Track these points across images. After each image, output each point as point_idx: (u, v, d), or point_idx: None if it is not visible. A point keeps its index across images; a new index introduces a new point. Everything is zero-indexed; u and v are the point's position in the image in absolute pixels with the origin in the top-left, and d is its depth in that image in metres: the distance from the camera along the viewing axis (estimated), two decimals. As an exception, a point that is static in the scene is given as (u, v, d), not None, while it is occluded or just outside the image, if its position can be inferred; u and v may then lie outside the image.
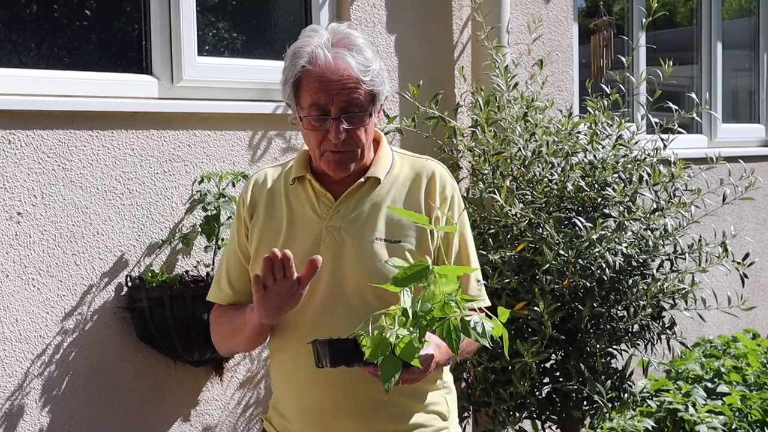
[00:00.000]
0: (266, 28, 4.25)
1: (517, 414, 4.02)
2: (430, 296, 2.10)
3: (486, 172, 4.07)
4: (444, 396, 2.55)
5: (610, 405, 4.04)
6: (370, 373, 2.19)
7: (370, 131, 2.46)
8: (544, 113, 4.25)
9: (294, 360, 2.46)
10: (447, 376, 2.58)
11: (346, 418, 2.43)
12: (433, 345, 2.26)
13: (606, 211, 4.00)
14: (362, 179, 2.48)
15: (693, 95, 4.78)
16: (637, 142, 4.22)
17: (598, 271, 3.82)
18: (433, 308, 2.09)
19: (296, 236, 2.47)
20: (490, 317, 2.14)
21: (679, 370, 5.33)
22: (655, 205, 4.07)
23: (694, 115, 4.36)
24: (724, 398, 4.97)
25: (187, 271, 3.69)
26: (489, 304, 2.53)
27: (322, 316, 2.42)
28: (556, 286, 3.81)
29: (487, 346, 2.11)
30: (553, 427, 4.28)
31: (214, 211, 3.60)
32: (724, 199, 4.17)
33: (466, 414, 4.14)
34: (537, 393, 4.09)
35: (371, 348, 2.09)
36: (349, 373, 2.33)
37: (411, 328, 2.08)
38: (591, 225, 3.80)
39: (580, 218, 3.87)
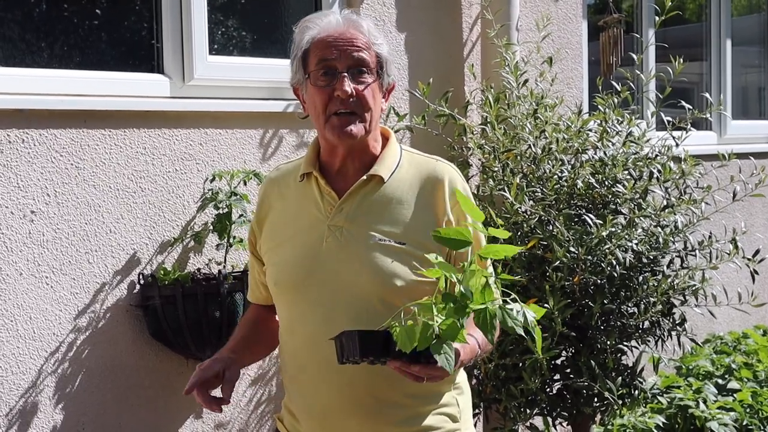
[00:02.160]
0: (277, 26, 4.26)
1: (528, 411, 4.03)
2: (467, 279, 2.05)
3: (496, 169, 4.08)
4: (455, 397, 2.50)
5: (620, 401, 4.05)
6: (395, 368, 2.13)
7: (377, 101, 2.43)
8: (554, 110, 4.25)
9: (298, 361, 2.46)
10: (460, 376, 2.53)
11: (352, 420, 2.40)
12: (458, 344, 2.17)
13: (616, 207, 4.00)
14: (365, 177, 2.42)
15: (706, 94, 4.78)
16: (648, 140, 4.22)
17: (609, 268, 3.82)
18: (473, 292, 2.03)
19: (298, 234, 2.45)
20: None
21: (690, 367, 5.34)
22: (665, 202, 4.07)
23: (707, 115, 4.37)
24: (735, 395, 4.98)
25: (199, 269, 3.71)
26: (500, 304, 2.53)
27: (325, 317, 2.38)
28: (566, 283, 3.82)
29: (522, 335, 2.05)
30: (564, 424, 4.29)
31: (226, 209, 3.62)
32: (734, 196, 4.17)
33: (476, 411, 4.14)
34: (548, 390, 4.10)
35: (402, 337, 2.03)
36: (356, 374, 2.32)
37: (454, 310, 2.02)
38: (601, 222, 3.81)
39: (591, 215, 3.87)
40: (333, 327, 2.31)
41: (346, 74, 2.36)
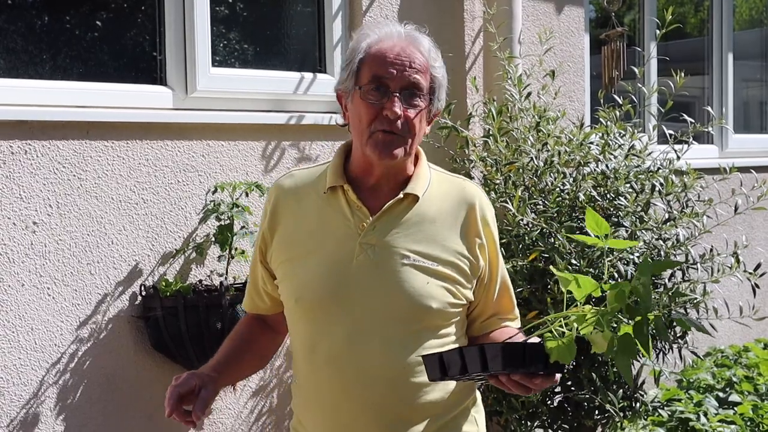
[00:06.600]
0: (279, 39, 4.27)
1: (529, 423, 4.02)
2: (639, 290, 2.06)
3: (498, 181, 4.08)
4: (474, 415, 2.47)
5: (621, 414, 4.05)
6: (515, 381, 2.09)
7: (422, 126, 2.36)
8: (556, 123, 4.26)
9: (318, 379, 2.37)
10: (477, 393, 2.51)
11: None
12: None
13: (618, 221, 4.00)
14: (401, 195, 2.36)
15: (708, 108, 4.79)
16: (650, 153, 4.22)
17: (610, 281, 3.82)
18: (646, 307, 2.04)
19: (323, 249, 2.35)
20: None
21: (691, 380, 5.34)
22: (667, 215, 4.07)
23: (709, 128, 4.37)
24: (735, 408, 4.98)
25: (200, 281, 3.71)
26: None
27: (351, 335, 2.30)
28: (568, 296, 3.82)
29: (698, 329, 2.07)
30: (565, 437, 4.28)
31: (228, 221, 3.62)
32: (735, 209, 4.17)
33: (478, 423, 4.14)
34: (549, 402, 4.10)
35: (561, 351, 2.04)
36: (380, 393, 2.28)
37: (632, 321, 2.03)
38: (603, 235, 3.81)
39: (592, 228, 3.88)
40: (360, 346, 2.27)
41: (398, 95, 2.30)
